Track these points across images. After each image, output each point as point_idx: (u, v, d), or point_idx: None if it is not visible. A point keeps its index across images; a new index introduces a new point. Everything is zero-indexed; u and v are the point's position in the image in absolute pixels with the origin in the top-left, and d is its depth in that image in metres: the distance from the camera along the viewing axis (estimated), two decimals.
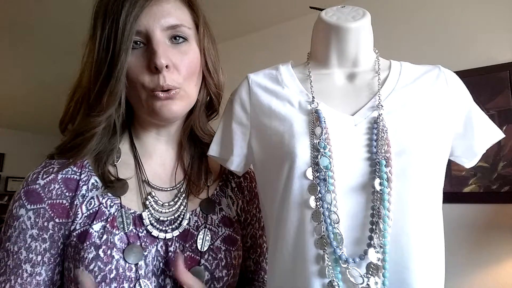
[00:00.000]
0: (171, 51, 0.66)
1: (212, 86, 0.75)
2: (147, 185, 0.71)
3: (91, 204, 0.65)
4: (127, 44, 0.62)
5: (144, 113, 0.70)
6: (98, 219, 0.63)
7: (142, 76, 0.64)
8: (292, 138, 0.59)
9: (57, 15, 2.57)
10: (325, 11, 0.67)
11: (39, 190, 0.64)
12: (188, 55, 0.68)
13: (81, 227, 0.63)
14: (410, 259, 0.53)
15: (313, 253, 0.55)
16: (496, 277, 1.70)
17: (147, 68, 0.64)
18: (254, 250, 0.83)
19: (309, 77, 0.66)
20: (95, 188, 0.66)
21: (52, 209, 0.63)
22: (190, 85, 0.69)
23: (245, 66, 1.06)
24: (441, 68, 0.66)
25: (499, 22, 1.87)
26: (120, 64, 0.63)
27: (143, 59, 0.65)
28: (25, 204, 0.63)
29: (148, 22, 0.64)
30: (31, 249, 0.62)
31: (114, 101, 0.64)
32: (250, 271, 0.84)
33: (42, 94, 4.08)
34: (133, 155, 0.74)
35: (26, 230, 0.62)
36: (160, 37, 0.65)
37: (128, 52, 0.63)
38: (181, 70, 0.67)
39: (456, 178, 1.85)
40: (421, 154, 0.56)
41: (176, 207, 0.71)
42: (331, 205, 0.55)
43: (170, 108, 0.66)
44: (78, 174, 0.67)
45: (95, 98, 0.65)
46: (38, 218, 0.62)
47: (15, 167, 5.58)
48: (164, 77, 0.64)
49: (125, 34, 0.62)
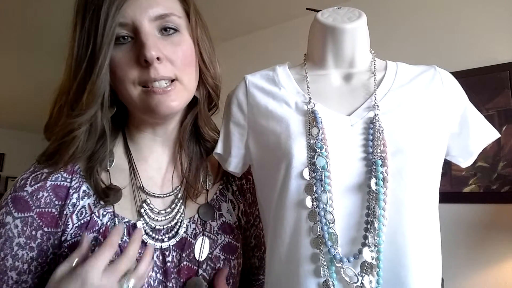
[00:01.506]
0: (161, 43, 0.61)
1: (209, 79, 0.69)
2: (142, 192, 0.67)
3: (82, 214, 0.61)
4: (109, 37, 0.57)
5: (138, 111, 0.65)
6: (90, 230, 0.60)
7: (131, 72, 0.59)
8: (289, 138, 0.59)
9: (57, 15, 2.58)
10: (321, 13, 0.68)
11: (26, 197, 0.60)
12: (181, 46, 0.63)
13: (72, 238, 0.60)
14: (405, 258, 0.53)
15: (308, 252, 0.55)
16: (496, 277, 1.70)
17: (136, 63, 0.59)
18: (258, 248, 0.82)
19: (305, 78, 0.66)
20: (86, 196, 0.63)
21: (41, 217, 0.60)
22: (188, 78, 0.65)
23: (245, 66, 1.07)
24: (437, 68, 0.66)
25: (499, 22, 1.87)
26: (102, 58, 0.57)
27: (132, 53, 0.59)
28: (12, 212, 0.59)
29: (135, 13, 0.59)
30: (17, 257, 0.59)
31: (95, 101, 0.59)
32: (255, 267, 0.83)
33: (42, 94, 4.05)
34: (127, 159, 0.69)
35: (13, 238, 0.59)
36: (148, 28, 0.59)
37: (110, 46, 0.58)
38: (175, 62, 0.62)
39: (456, 178, 1.85)
40: (417, 154, 0.56)
41: (172, 215, 0.67)
42: (327, 205, 0.55)
43: (168, 104, 0.61)
44: (69, 180, 0.63)
45: (75, 98, 0.60)
46: (26, 226, 0.59)
47: (15, 167, 5.59)
48: (156, 69, 0.59)
49: (107, 26, 0.57)
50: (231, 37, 2.78)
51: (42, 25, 2.71)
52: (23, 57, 3.27)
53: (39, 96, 4.20)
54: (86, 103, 0.59)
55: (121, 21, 0.59)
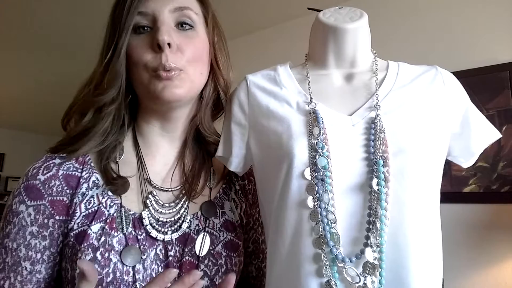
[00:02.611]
0: (176, 34, 0.65)
1: (221, 81, 0.73)
2: (148, 184, 0.69)
3: (91, 203, 0.63)
4: (129, 22, 0.63)
5: (146, 97, 0.69)
6: (97, 219, 0.62)
7: (144, 56, 0.64)
8: (290, 138, 0.59)
9: (57, 15, 2.58)
10: (322, 12, 0.68)
11: (39, 186, 0.62)
12: (194, 40, 0.68)
13: (78, 227, 0.61)
14: (407, 258, 0.53)
15: (310, 252, 0.55)
16: (496, 277, 1.70)
17: (150, 48, 0.64)
18: (256, 256, 0.81)
19: (307, 77, 0.66)
20: (95, 186, 0.65)
21: (53, 206, 0.62)
22: (195, 70, 0.67)
23: (245, 66, 1.07)
24: (438, 68, 0.66)
25: (499, 22, 1.87)
26: (121, 42, 0.63)
27: (148, 40, 0.64)
28: (25, 200, 0.61)
29: (156, 5, 0.65)
30: (30, 247, 0.60)
31: (115, 81, 0.64)
32: (252, 277, 0.81)
33: (42, 94, 4.09)
34: (135, 153, 0.72)
35: (26, 227, 0.61)
36: (166, 18, 0.65)
37: (129, 31, 0.63)
38: (185, 52, 0.66)
39: (456, 178, 1.85)
40: (418, 154, 0.56)
41: (177, 209, 0.69)
42: (328, 205, 0.55)
43: (171, 90, 0.64)
44: (80, 171, 0.65)
45: (100, 81, 0.65)
46: (38, 214, 0.61)
47: (15, 167, 5.58)
48: (167, 56, 0.63)
49: (129, 14, 0.63)
50: (231, 37, 2.76)
51: (42, 25, 2.71)
52: (23, 57, 3.27)
53: (39, 96, 4.22)
54: (107, 83, 0.64)
55: (142, 10, 0.64)
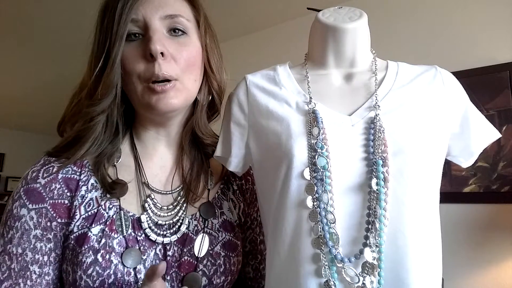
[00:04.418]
0: (168, 41, 0.64)
1: (215, 84, 0.73)
2: (146, 187, 0.69)
3: (90, 206, 0.63)
4: (122, 30, 0.61)
5: (140, 108, 0.68)
6: (97, 222, 0.62)
7: (138, 66, 0.63)
8: (290, 138, 0.59)
9: (57, 16, 2.58)
10: (322, 12, 0.68)
11: (40, 189, 0.62)
12: (187, 47, 0.66)
13: (79, 229, 0.61)
14: (406, 258, 0.53)
15: (310, 252, 0.55)
16: (496, 277, 1.70)
17: (143, 57, 0.63)
18: (253, 256, 0.81)
19: (306, 77, 0.66)
20: (94, 189, 0.65)
21: (54, 209, 0.62)
22: (189, 78, 0.67)
23: (245, 66, 1.07)
24: (438, 68, 0.66)
25: (499, 22, 1.87)
26: (115, 52, 0.61)
27: (140, 49, 0.63)
28: (26, 204, 0.61)
29: (146, 11, 0.63)
30: (36, 250, 0.60)
31: (109, 92, 0.63)
32: (248, 278, 0.81)
33: (42, 94, 4.09)
34: (133, 156, 0.72)
35: (30, 231, 0.60)
36: (157, 26, 0.63)
37: (122, 40, 0.62)
38: (179, 61, 0.65)
39: (456, 178, 1.85)
40: (418, 154, 0.56)
41: (175, 212, 0.69)
42: (327, 205, 0.55)
43: (166, 102, 0.64)
44: (78, 173, 0.65)
45: (93, 91, 0.64)
46: (41, 218, 0.61)
47: (15, 167, 5.58)
48: (160, 65, 0.61)
49: (121, 22, 0.61)
50: (231, 37, 2.78)
51: (42, 25, 2.71)
52: (23, 57, 3.27)
53: (39, 96, 4.22)
54: (101, 94, 0.63)
55: (133, 17, 0.63)
